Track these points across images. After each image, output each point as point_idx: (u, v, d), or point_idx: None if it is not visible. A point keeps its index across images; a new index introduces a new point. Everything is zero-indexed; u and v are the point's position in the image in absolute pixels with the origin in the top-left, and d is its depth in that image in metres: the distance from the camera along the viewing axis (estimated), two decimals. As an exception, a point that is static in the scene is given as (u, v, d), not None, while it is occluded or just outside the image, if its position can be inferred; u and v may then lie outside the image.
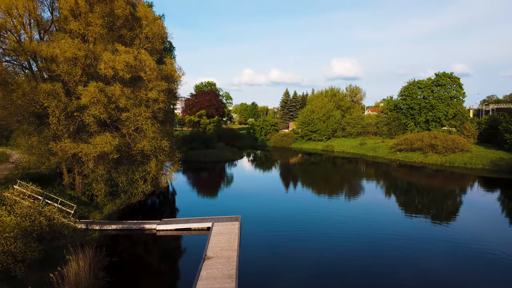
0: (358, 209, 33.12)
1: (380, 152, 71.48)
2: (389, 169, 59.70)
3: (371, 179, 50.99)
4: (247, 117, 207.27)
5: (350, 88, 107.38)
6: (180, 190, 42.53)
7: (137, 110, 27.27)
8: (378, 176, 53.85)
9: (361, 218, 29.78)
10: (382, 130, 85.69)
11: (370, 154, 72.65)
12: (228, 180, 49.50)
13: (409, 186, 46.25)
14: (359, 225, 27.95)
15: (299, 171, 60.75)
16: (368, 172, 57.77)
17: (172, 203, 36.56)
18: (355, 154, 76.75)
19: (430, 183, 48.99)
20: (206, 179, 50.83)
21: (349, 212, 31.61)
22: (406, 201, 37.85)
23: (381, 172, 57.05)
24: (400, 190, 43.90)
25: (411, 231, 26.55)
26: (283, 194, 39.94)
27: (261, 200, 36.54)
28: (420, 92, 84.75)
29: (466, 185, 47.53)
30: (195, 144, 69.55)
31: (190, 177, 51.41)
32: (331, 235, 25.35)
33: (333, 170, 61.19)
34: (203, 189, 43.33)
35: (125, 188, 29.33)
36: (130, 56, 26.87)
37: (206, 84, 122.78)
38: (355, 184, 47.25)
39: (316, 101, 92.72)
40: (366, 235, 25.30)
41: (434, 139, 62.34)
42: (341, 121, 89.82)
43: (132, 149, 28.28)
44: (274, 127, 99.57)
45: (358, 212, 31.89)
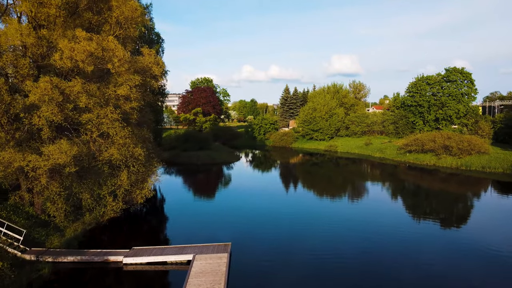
0: (375, 223, 27.89)
1: (388, 153, 66.22)
2: (399, 173, 54.47)
3: (380, 185, 45.76)
4: (246, 114, 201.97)
5: (354, 84, 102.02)
6: (162, 203, 37.35)
7: (102, 111, 21.99)
8: (387, 181, 48.63)
9: (380, 237, 24.58)
10: (389, 129, 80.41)
11: (377, 156, 67.39)
12: (220, 189, 43.74)
13: (422, 192, 41.00)
14: (381, 249, 22.73)
15: (302, 176, 55.52)
16: (376, 176, 52.55)
17: (149, 222, 30.24)
18: (360, 155, 71.49)
19: (444, 188, 43.87)
20: (196, 188, 45.29)
21: (369, 228, 26.40)
22: (421, 210, 32.58)
23: (390, 177, 51.81)
24: (414, 197, 38.63)
25: (432, 248, 21.39)
26: (285, 208, 34.05)
27: (259, 217, 29.87)
28: (429, 88, 79.43)
29: (484, 191, 42.32)
30: (188, 145, 64.30)
31: (177, 186, 45.60)
32: (351, 268, 20.13)
33: (338, 174, 55.94)
34: (190, 201, 37.28)
35: (90, 206, 24.08)
36: (92, 43, 21.56)
37: (202, 81, 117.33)
38: (367, 193, 42.00)
39: (318, 98, 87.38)
40: (386, 262, 20.11)
41: (448, 140, 57.05)
42: (344, 119, 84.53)
43: (97, 159, 23.05)
44: (273, 126, 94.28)
45: (378, 227, 26.69)
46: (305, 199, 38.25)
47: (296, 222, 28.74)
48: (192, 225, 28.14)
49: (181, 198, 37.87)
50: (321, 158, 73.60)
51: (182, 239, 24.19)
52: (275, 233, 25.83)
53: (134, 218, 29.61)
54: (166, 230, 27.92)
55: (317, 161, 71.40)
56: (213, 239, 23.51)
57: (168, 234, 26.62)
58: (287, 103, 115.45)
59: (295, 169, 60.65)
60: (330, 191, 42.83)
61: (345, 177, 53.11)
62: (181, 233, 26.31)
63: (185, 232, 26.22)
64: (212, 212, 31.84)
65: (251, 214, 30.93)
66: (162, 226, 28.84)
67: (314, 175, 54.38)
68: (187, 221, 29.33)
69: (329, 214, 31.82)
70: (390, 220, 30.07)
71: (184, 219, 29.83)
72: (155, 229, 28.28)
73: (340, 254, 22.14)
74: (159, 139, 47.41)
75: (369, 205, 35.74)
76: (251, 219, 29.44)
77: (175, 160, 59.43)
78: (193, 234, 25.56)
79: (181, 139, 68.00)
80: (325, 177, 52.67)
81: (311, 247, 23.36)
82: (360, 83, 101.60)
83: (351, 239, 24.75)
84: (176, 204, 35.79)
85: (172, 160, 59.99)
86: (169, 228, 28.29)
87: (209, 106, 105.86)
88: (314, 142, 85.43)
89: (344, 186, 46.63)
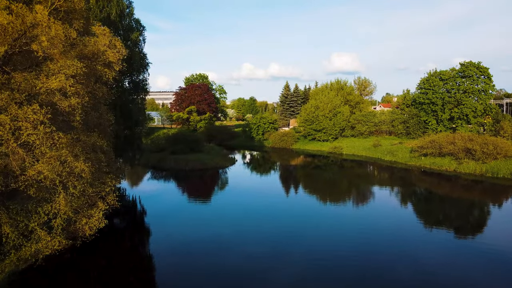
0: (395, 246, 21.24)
1: (399, 157, 59.43)
2: (413, 178, 47.81)
3: (392, 192, 39.06)
4: (245, 112, 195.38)
5: (359, 80, 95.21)
6: (139, 222, 30.64)
7: (21, 111, 15.28)
8: (400, 187, 41.92)
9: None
10: (398, 129, 73.65)
11: (388, 159, 60.61)
12: (206, 209, 33.28)
13: (440, 200, 34.26)
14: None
15: (304, 181, 48.79)
16: (387, 181, 45.77)
17: (95, 267, 21.33)
18: (368, 158, 64.74)
19: (465, 197, 37.31)
20: (173, 207, 35.08)
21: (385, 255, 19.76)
22: (438, 221, 25.89)
23: (404, 183, 45.03)
24: (430, 205, 31.87)
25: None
26: (286, 225, 27.62)
27: (254, 263, 20.94)
28: (442, 84, 72.60)
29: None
30: (177, 147, 57.58)
31: (150, 203, 35.77)
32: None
33: (344, 179, 49.15)
34: (161, 232, 27.26)
35: (14, 242, 17.36)
36: (2, 14, 14.86)
37: (197, 77, 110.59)
38: (377, 201, 35.17)
39: (320, 95, 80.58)
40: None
41: (470, 142, 50.27)
42: (350, 119, 77.74)
43: (18, 179, 16.33)
44: (272, 125, 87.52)
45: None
46: (308, 208, 31.38)
47: (298, 238, 22.00)
48: (178, 263, 21.32)
49: (146, 227, 29.35)
50: (325, 161, 66.91)
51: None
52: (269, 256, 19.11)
53: (95, 248, 22.62)
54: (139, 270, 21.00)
55: (320, 163, 64.76)
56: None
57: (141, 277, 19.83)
58: (287, 101, 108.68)
59: (296, 174, 53.92)
60: (335, 199, 36.07)
61: (352, 183, 46.35)
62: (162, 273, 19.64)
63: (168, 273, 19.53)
64: (188, 249, 24.46)
65: (245, 255, 24.13)
66: (111, 270, 21.74)
67: (317, 180, 47.64)
68: (170, 256, 22.38)
69: (337, 226, 25.39)
70: (404, 233, 25.71)
71: (166, 252, 22.75)
72: (100, 276, 21.23)
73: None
74: (137, 144, 40.58)
75: (381, 215, 29.91)
76: (245, 263, 22.64)
77: (160, 165, 52.74)
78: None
79: (170, 141, 61.31)
80: (329, 183, 45.93)
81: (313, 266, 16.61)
82: (366, 79, 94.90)
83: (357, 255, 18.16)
84: (156, 224, 28.80)
85: (157, 165, 53.28)
86: (142, 268, 21.45)
87: (204, 104, 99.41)
88: (316, 143, 78.70)
89: (351, 193, 39.92)
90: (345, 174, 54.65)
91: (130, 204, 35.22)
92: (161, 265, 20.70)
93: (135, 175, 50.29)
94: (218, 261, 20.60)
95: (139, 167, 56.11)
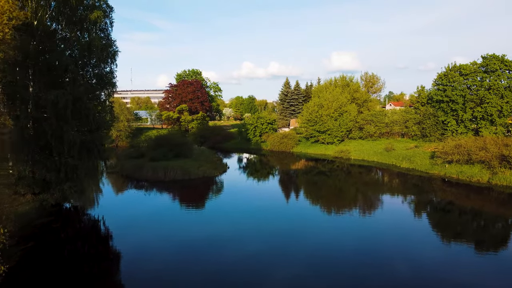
0: None
1: (418, 163, 51.00)
2: (437, 190, 39.36)
3: (411, 207, 30.71)
4: (243, 112, 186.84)
5: (366, 76, 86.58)
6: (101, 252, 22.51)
7: None
8: (420, 201, 33.55)
9: None
10: (413, 131, 65.23)
11: (404, 166, 52.15)
12: (176, 247, 24.19)
13: (473, 217, 26.04)
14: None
15: (308, 191, 40.38)
16: (404, 193, 37.37)
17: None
18: (380, 164, 56.36)
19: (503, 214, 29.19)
20: (151, 223, 29.97)
21: None
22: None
23: (425, 195, 36.60)
24: (460, 226, 23.65)
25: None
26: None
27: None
28: (463, 80, 64.16)
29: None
30: (158, 153, 49.23)
31: (119, 222, 30.11)
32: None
33: (358, 190, 40.68)
34: (143, 251, 22.59)
35: None
36: None
37: (189, 73, 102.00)
38: (392, 219, 26.82)
39: (324, 92, 72.08)
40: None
41: (506, 148, 41.93)
42: (357, 118, 69.31)
43: None
44: (271, 126, 79.04)
45: None
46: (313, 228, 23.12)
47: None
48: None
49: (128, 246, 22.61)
50: (329, 166, 58.63)
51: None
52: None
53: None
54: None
55: (325, 169, 56.47)
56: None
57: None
58: (288, 99, 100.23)
59: (296, 184, 45.49)
60: (346, 217, 27.66)
61: (363, 194, 37.94)
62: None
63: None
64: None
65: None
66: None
67: (325, 191, 39.18)
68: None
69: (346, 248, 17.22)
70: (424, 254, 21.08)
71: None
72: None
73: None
74: (97, 151, 32.09)
75: (397, 235, 24.12)
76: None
77: (136, 175, 44.46)
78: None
79: (152, 144, 53.01)
80: (337, 194, 37.47)
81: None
82: (374, 75, 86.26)
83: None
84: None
85: (132, 175, 44.98)
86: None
87: (197, 102, 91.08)
88: (320, 146, 70.27)
89: (363, 208, 31.51)
90: (354, 182, 46.26)
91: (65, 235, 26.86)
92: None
93: (99, 188, 42.06)
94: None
95: (114, 176, 47.85)
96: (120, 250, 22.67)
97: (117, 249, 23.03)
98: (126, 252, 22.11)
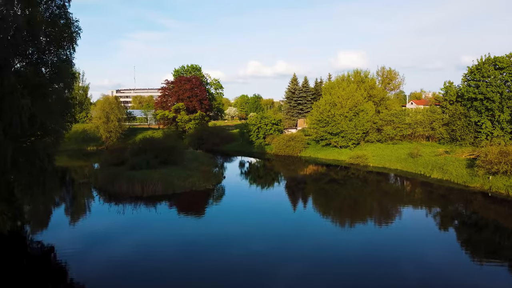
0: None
1: (453, 174, 42.03)
2: (480, 209, 30.55)
3: (448, 233, 22.19)
4: (248, 111, 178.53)
5: (383, 71, 77.60)
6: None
7: None
8: (462, 224, 24.96)
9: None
10: (440, 133, 56.31)
11: (435, 176, 43.21)
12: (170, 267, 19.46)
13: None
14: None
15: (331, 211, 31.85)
16: (439, 211, 28.77)
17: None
18: (405, 173, 47.57)
19: None
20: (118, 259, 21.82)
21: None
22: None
23: (467, 217, 27.92)
24: None
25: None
26: None
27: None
28: (499, 75, 55.10)
29: None
30: (142, 160, 41.07)
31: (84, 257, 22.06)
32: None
33: (380, 204, 32.02)
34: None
35: None
36: None
37: (188, 69, 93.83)
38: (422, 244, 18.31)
39: (337, 89, 63.37)
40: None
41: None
42: (375, 119, 60.53)
43: None
44: (276, 127, 70.55)
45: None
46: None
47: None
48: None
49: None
50: (343, 173, 50.12)
51: None
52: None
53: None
54: None
55: (338, 177, 48.00)
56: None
57: None
58: (295, 97, 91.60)
59: (304, 190, 36.96)
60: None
61: (385, 212, 29.11)
62: None
63: None
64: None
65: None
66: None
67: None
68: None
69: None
70: None
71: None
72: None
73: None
74: (39, 163, 23.82)
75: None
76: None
77: (109, 188, 36.36)
78: None
79: (134, 149, 44.85)
80: (355, 207, 28.86)
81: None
82: (391, 70, 77.33)
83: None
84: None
85: (106, 188, 36.88)
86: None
87: (195, 100, 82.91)
88: (332, 150, 61.61)
89: (386, 233, 22.93)
90: (372, 193, 37.57)
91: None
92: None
93: (51, 207, 34.10)
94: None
95: (85, 189, 39.95)
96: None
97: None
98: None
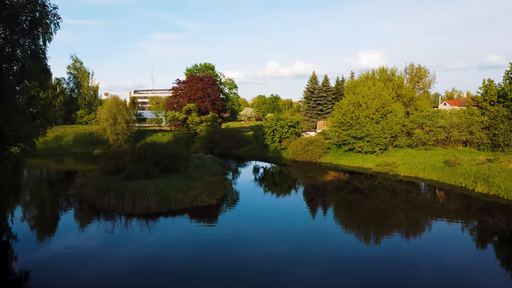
0: None
1: (501, 187, 35.30)
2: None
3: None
4: (265, 112, 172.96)
5: (412, 68, 70.79)
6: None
7: None
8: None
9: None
10: (480, 138, 49.46)
11: (480, 190, 36.69)
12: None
13: None
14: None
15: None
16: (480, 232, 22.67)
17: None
18: (442, 184, 41.14)
19: None
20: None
21: None
22: None
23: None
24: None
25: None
26: None
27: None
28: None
29: None
30: (141, 168, 36.27)
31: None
32: None
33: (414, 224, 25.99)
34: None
35: None
36: None
37: (201, 67, 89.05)
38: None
39: (362, 88, 57.18)
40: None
41: None
42: (405, 121, 54.09)
43: None
44: (293, 129, 64.83)
45: None
46: None
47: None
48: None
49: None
50: (368, 182, 44.20)
51: None
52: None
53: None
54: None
55: (363, 186, 42.17)
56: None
57: None
58: (314, 96, 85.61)
59: (325, 200, 31.22)
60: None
61: (418, 232, 23.07)
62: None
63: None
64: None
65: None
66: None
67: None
68: None
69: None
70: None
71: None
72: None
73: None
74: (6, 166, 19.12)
75: None
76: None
77: (97, 202, 31.54)
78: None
79: (133, 156, 40.08)
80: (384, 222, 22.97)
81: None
82: (421, 68, 70.44)
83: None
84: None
85: (95, 202, 32.05)
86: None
87: (207, 101, 77.99)
88: (356, 155, 55.48)
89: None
90: (402, 206, 31.47)
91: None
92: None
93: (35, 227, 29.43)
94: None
95: (69, 203, 35.39)
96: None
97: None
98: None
